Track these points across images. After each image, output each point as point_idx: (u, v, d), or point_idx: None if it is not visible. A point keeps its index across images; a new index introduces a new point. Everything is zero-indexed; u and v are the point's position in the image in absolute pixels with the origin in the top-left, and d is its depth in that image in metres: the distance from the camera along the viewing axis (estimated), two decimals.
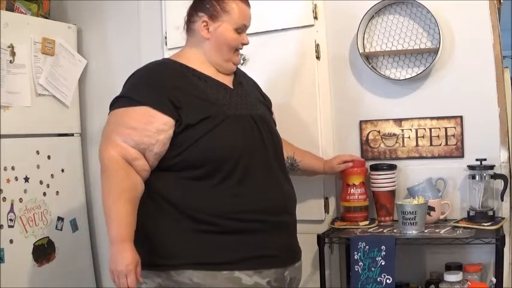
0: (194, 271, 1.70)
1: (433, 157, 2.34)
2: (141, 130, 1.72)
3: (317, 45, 2.47)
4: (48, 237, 2.69)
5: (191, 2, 1.93)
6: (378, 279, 1.99)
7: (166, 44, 2.75)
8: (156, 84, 1.79)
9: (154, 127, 1.72)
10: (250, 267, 1.72)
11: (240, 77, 1.99)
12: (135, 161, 1.73)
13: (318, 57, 2.47)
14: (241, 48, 1.94)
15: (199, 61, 1.88)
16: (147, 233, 1.74)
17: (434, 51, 2.28)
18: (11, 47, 2.56)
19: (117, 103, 1.80)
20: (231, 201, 1.74)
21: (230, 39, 1.88)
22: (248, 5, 1.92)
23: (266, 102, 2.05)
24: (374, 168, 2.33)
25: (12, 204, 2.53)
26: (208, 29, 1.86)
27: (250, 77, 2.08)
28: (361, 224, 2.28)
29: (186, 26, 1.94)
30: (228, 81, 1.91)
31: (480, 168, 2.18)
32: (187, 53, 1.91)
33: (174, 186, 1.76)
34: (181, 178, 1.76)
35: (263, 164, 1.82)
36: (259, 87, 2.10)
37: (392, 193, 2.31)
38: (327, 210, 2.46)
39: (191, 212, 1.73)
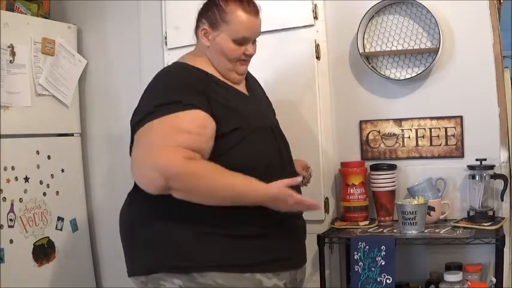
0: (218, 273, 1.67)
1: (433, 157, 2.34)
2: (195, 134, 1.63)
3: (317, 45, 2.47)
4: (48, 237, 2.69)
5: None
6: (378, 279, 1.99)
7: (166, 44, 2.74)
8: (193, 88, 1.70)
9: (208, 132, 1.66)
10: (270, 269, 1.72)
11: (250, 81, 1.97)
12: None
13: (318, 57, 2.47)
14: (244, 59, 1.86)
15: (212, 67, 1.84)
16: (166, 235, 1.70)
17: (434, 51, 2.28)
18: (11, 47, 2.56)
19: (159, 111, 1.65)
20: (253, 208, 1.70)
21: (227, 50, 1.81)
22: (254, 15, 1.81)
23: (270, 103, 2.05)
24: (374, 168, 2.34)
25: (12, 204, 2.53)
26: (208, 37, 1.82)
27: (254, 77, 2.04)
28: (361, 224, 2.28)
29: (194, 31, 1.89)
30: (242, 88, 1.90)
31: (480, 168, 2.18)
32: (199, 58, 1.85)
33: None
34: None
35: (281, 172, 1.81)
36: (261, 86, 2.07)
37: (392, 193, 2.32)
38: (327, 210, 2.46)
39: (214, 217, 1.68)
